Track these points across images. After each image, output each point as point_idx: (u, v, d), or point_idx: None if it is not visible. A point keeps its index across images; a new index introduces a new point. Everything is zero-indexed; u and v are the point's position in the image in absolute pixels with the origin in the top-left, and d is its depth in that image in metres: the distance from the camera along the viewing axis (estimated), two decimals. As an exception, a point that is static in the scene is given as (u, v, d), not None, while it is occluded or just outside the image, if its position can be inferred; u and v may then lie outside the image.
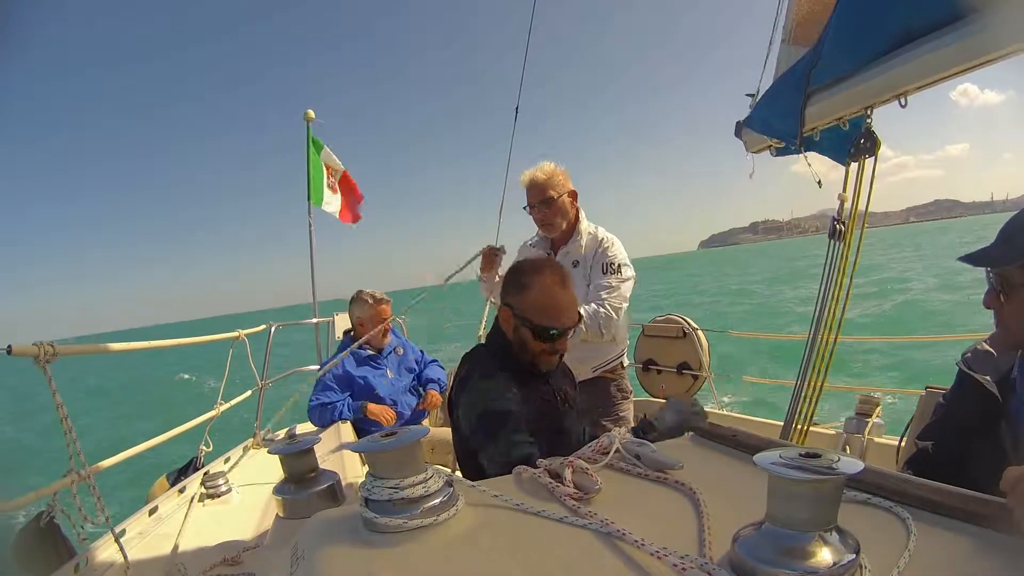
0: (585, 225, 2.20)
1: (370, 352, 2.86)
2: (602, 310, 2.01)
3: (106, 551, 1.44)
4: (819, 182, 1.95)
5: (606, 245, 2.15)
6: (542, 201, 2.14)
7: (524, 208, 2.23)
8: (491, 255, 2.33)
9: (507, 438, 1.22)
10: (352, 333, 2.95)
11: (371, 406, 2.67)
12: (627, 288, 2.11)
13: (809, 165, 1.90)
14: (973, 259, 1.03)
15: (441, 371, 3.12)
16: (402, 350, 3.00)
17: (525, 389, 1.36)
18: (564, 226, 2.18)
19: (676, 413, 1.26)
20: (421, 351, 3.14)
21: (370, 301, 2.87)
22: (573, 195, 2.18)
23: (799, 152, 1.84)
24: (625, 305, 2.11)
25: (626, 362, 2.32)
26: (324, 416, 2.65)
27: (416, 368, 3.02)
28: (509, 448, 1.21)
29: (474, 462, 1.31)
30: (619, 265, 2.11)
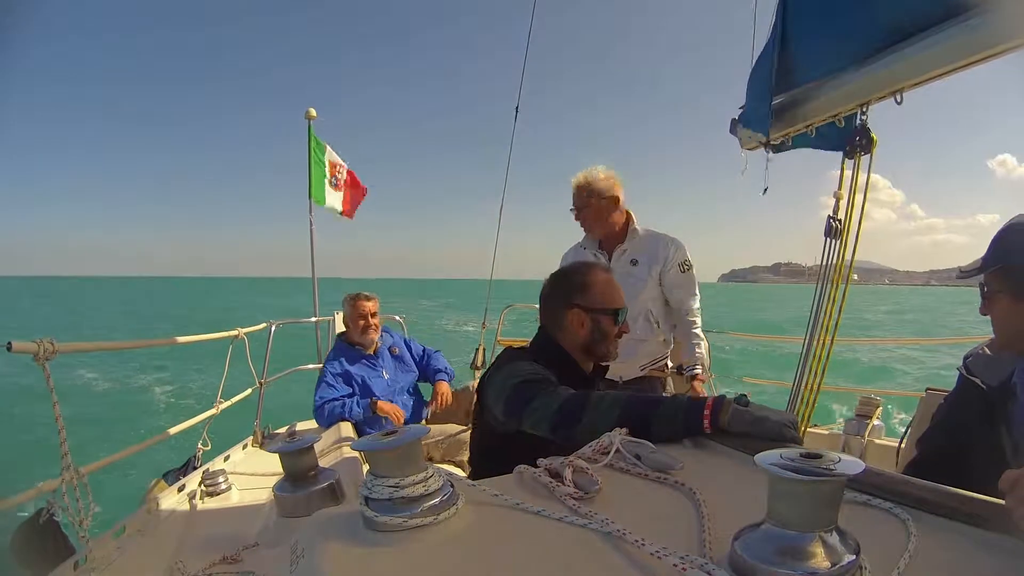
0: (638, 226, 2.30)
1: (365, 352, 2.83)
2: (694, 306, 2.25)
3: (105, 549, 1.44)
4: (765, 190, 2.09)
5: (677, 246, 2.27)
6: (578, 206, 2.25)
7: (570, 210, 2.31)
8: None
9: (552, 391, 1.17)
10: (343, 335, 2.94)
11: (380, 403, 2.63)
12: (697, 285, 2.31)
13: (772, 161, 1.97)
14: (967, 272, 1.11)
15: (446, 361, 3.07)
16: (398, 349, 2.95)
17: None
18: (600, 230, 2.28)
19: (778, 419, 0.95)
20: (423, 346, 3.10)
21: (347, 298, 2.85)
22: (615, 201, 2.24)
23: (782, 143, 1.87)
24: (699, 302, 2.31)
25: (670, 364, 2.38)
26: (333, 414, 2.60)
27: (415, 370, 2.97)
28: (558, 394, 1.15)
29: (502, 451, 1.15)
30: (689, 264, 2.27)
